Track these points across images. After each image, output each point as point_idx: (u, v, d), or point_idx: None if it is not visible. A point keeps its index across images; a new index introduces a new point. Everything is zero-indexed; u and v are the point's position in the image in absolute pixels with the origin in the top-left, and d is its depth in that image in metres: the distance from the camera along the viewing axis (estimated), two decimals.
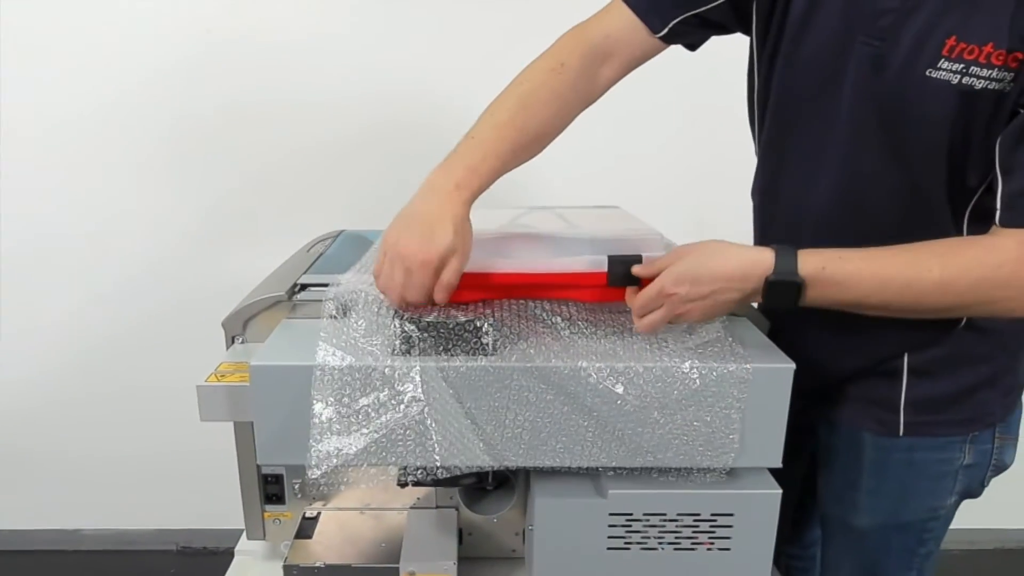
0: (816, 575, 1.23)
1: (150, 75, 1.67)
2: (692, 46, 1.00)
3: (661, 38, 0.93)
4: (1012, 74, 0.68)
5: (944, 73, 0.71)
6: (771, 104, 0.91)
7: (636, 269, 0.80)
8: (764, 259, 0.74)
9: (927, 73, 0.72)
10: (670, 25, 0.93)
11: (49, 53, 1.65)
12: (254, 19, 1.64)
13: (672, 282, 0.75)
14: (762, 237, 0.99)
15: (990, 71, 0.69)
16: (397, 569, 0.83)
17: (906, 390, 0.88)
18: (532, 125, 0.88)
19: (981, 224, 0.78)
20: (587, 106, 0.95)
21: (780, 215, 0.94)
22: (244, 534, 0.94)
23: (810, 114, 0.85)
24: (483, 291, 0.86)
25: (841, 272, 0.73)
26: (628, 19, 0.92)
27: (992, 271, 0.71)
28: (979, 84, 0.70)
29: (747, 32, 0.95)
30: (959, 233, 0.82)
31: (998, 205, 0.73)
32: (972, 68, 0.70)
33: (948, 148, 0.75)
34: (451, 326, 0.78)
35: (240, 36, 1.65)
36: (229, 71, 1.67)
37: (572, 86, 0.90)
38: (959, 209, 0.81)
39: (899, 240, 0.76)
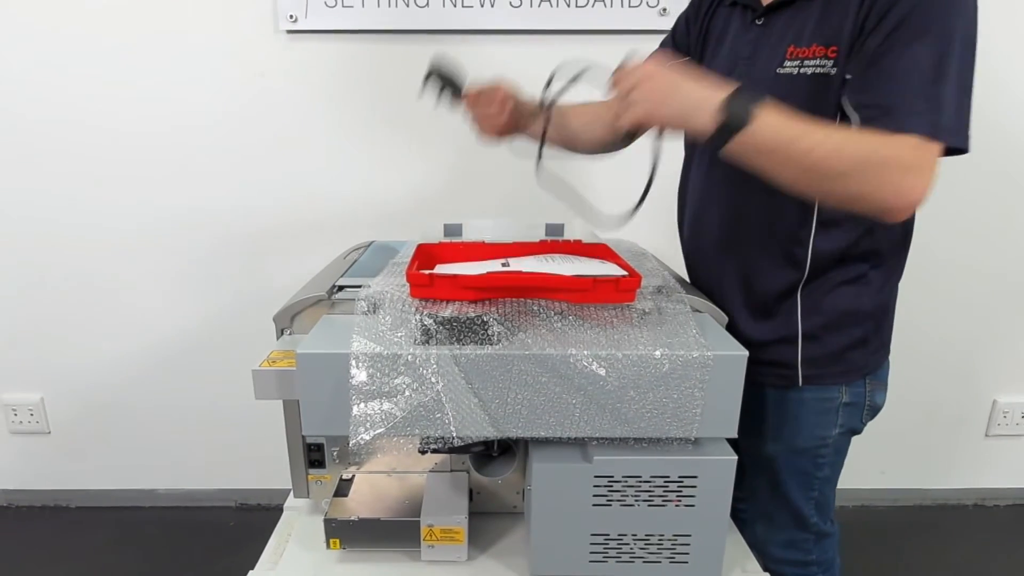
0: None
1: (216, 111, 1.67)
2: None
3: None
4: (831, 61, 0.82)
5: (788, 68, 0.86)
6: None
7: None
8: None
9: (777, 71, 0.87)
10: None
11: (129, 83, 1.66)
12: (297, 61, 1.64)
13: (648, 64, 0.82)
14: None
15: (815, 61, 0.84)
16: (418, 522, 0.83)
17: (801, 352, 0.96)
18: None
19: None
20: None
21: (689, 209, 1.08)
22: (291, 493, 0.94)
23: None
24: (490, 292, 0.86)
25: (779, 114, 0.76)
26: None
27: (884, 154, 0.74)
28: (810, 71, 0.84)
29: None
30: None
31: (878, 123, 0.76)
32: (805, 62, 0.85)
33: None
34: (462, 320, 0.78)
35: (285, 76, 1.65)
36: (277, 109, 1.67)
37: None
38: None
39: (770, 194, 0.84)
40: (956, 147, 0.76)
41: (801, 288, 0.94)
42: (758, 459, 1.03)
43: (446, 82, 0.86)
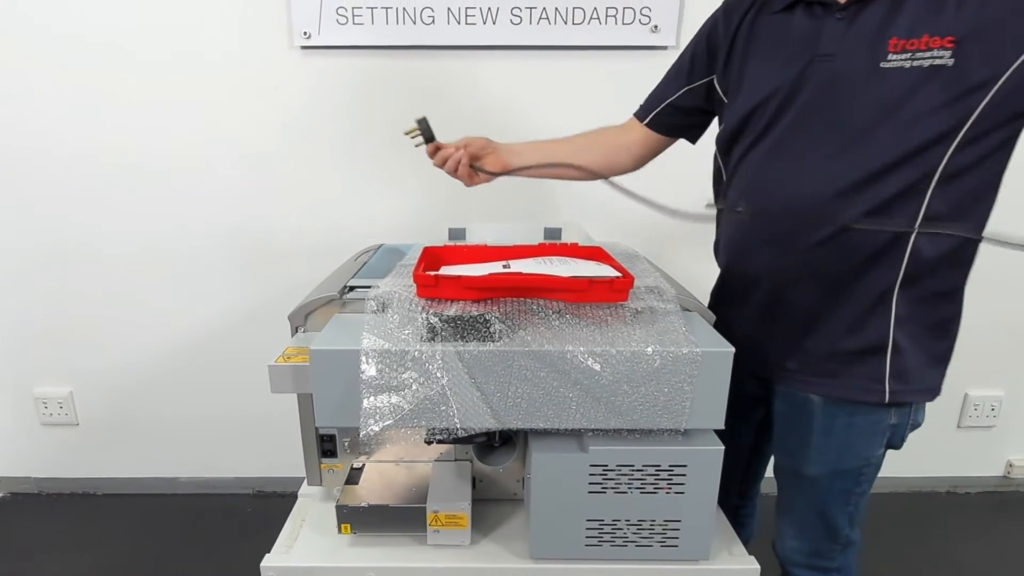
0: (757, 519, 1.23)
1: (233, 124, 1.67)
2: (690, 138, 1.09)
3: (648, 125, 1.07)
4: (949, 51, 0.74)
5: (895, 62, 0.77)
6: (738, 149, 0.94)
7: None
8: None
9: (880, 65, 0.78)
10: (652, 114, 1.07)
11: (148, 99, 1.66)
12: (310, 76, 1.64)
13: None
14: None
15: (930, 53, 0.75)
16: (424, 508, 0.83)
17: (890, 366, 0.87)
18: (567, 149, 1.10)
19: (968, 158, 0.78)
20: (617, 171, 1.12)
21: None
22: (305, 481, 0.94)
23: (780, 127, 0.86)
24: (492, 292, 0.86)
25: None
26: (632, 119, 1.11)
27: None
28: (926, 63, 0.76)
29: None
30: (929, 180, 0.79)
31: None
32: (916, 54, 0.76)
33: (908, 116, 0.77)
34: (466, 319, 0.78)
35: (300, 89, 1.65)
36: (292, 121, 1.67)
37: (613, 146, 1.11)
38: (928, 161, 0.78)
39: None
40: None
41: (896, 293, 0.84)
42: (800, 479, 0.98)
43: (425, 132, 1.08)
